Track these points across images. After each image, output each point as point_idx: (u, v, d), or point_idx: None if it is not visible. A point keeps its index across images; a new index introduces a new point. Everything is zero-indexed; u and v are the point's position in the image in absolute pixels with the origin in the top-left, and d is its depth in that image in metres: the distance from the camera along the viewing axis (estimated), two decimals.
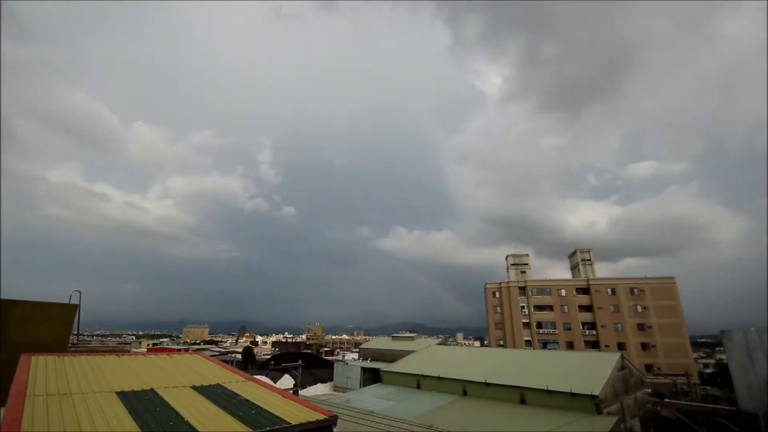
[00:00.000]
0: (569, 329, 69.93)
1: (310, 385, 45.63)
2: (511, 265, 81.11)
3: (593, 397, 18.42)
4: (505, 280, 79.62)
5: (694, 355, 71.79)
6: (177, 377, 9.15)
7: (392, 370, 29.83)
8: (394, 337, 56.94)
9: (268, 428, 6.39)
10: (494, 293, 79.05)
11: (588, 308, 69.98)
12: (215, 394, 8.14)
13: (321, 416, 7.23)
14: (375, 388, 28.31)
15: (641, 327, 64.52)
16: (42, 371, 8.09)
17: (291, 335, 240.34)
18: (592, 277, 73.17)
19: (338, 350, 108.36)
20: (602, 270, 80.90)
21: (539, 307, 73.32)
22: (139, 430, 5.86)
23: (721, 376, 62.04)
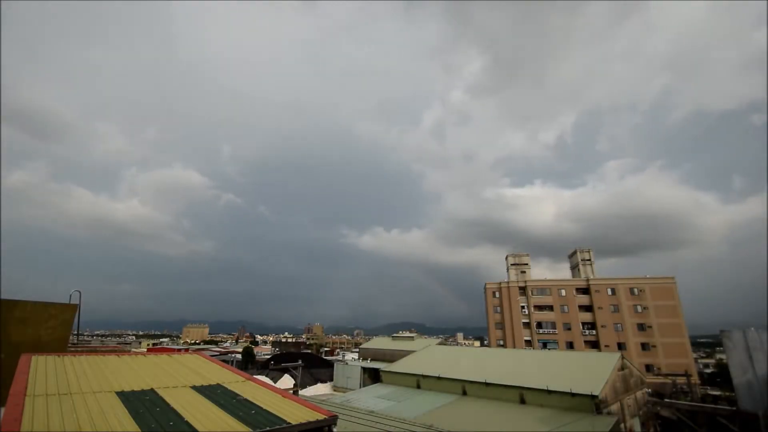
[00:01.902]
0: (569, 329, 69.91)
1: (310, 385, 45.60)
2: (511, 265, 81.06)
3: (593, 397, 18.41)
4: (505, 280, 79.62)
5: (694, 355, 71.79)
6: (177, 377, 9.15)
7: (392, 370, 29.80)
8: (394, 337, 56.90)
9: (268, 428, 6.39)
10: (494, 293, 79.04)
11: (588, 308, 69.96)
12: (215, 394, 8.14)
13: (321, 416, 7.22)
14: (375, 388, 28.28)
15: (641, 327, 64.51)
16: (42, 371, 8.09)
17: (291, 335, 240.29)
18: (592, 277, 73.18)
19: (338, 350, 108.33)
20: (564, 273, 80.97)
21: (539, 307, 73.31)
22: (139, 430, 5.85)
23: (721, 376, 62.12)
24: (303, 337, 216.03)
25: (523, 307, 74.44)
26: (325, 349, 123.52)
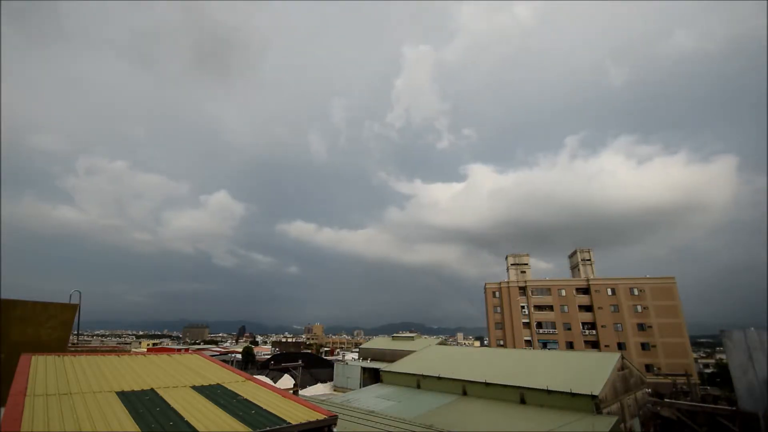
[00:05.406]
0: (569, 329, 69.93)
1: (310, 385, 45.63)
2: (511, 265, 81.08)
3: (593, 397, 18.41)
4: (505, 280, 79.62)
5: (694, 355, 71.81)
6: (177, 377, 9.14)
7: (392, 370, 29.80)
8: (394, 337, 56.89)
9: (268, 428, 6.39)
10: (494, 293, 79.04)
11: (588, 308, 69.97)
12: (215, 394, 8.14)
13: (321, 416, 7.22)
14: (375, 388, 28.28)
15: (641, 327, 64.53)
16: (42, 371, 8.08)
17: (291, 335, 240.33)
18: (592, 276, 73.19)
19: (338, 350, 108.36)
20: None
21: (539, 307, 73.32)
22: (139, 430, 5.85)
23: (721, 376, 62.02)
24: (303, 337, 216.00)
25: (523, 307, 74.43)
26: (325, 349, 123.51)
